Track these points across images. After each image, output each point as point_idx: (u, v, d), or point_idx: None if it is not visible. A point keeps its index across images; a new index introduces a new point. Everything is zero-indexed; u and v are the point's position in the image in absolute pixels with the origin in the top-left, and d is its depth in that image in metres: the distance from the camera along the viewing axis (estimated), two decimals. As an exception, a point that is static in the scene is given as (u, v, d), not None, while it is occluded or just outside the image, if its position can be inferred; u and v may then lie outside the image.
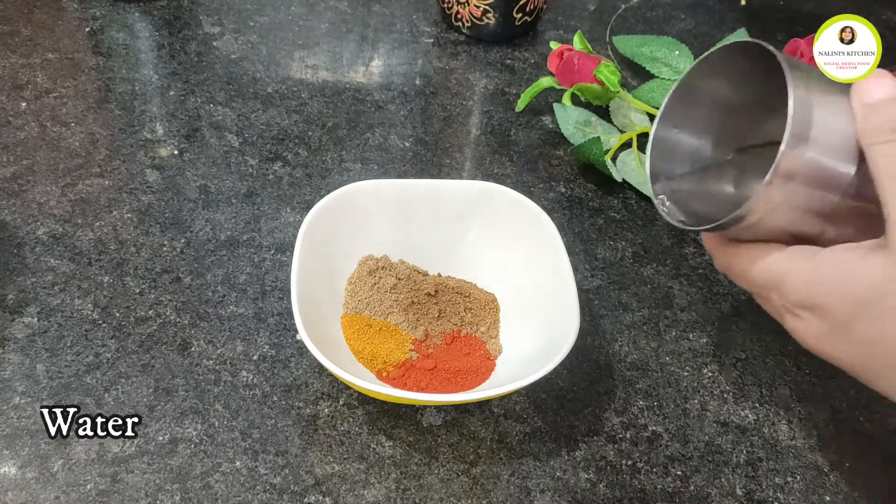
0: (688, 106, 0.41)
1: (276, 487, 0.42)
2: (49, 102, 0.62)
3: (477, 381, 0.46)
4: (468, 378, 0.46)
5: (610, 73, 0.62)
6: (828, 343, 0.36)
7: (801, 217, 0.36)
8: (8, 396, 0.44)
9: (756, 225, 0.37)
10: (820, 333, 0.36)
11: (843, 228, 0.37)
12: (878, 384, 0.36)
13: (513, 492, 0.43)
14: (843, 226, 0.37)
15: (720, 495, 0.44)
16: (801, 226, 0.37)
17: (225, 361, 0.47)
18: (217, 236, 0.54)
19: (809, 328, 0.37)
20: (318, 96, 0.66)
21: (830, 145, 0.35)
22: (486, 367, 0.47)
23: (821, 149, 0.35)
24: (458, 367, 0.47)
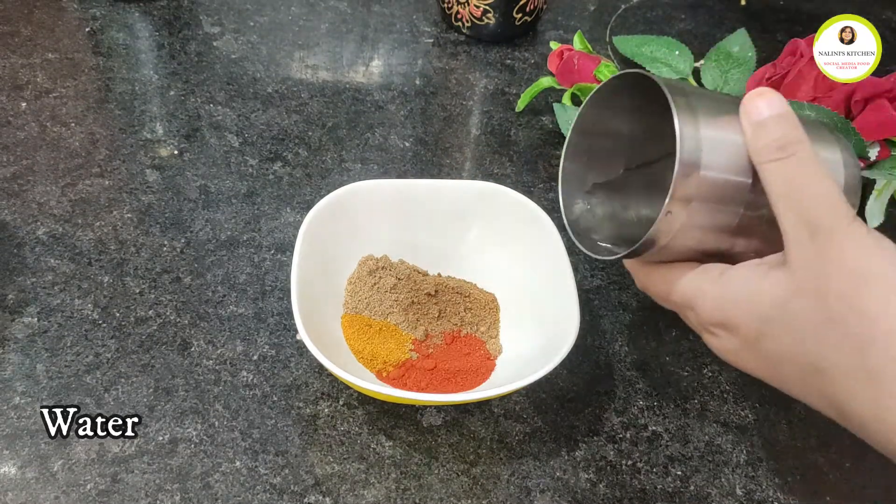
0: (591, 137, 0.42)
1: (276, 487, 0.42)
2: (49, 102, 0.62)
3: (477, 381, 0.46)
4: (468, 378, 0.46)
5: (610, 73, 0.62)
6: (742, 358, 0.37)
7: (710, 235, 0.37)
8: (8, 396, 0.44)
9: (666, 248, 0.37)
10: (734, 349, 0.37)
11: (755, 238, 0.37)
12: (791, 394, 0.37)
13: (513, 492, 0.43)
14: (755, 236, 0.37)
15: (720, 495, 0.44)
16: (712, 243, 0.37)
17: (225, 361, 0.47)
18: (217, 236, 0.54)
19: (724, 344, 0.38)
20: (318, 96, 0.66)
21: (725, 165, 0.36)
22: (486, 367, 0.47)
23: (716, 169, 0.35)
24: (458, 367, 0.47)
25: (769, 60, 0.63)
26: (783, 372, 0.36)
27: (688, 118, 0.35)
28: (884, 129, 0.55)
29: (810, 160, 0.35)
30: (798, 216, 0.34)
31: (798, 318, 0.34)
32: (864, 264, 0.33)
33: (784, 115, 0.36)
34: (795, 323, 0.34)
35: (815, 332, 0.33)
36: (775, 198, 0.35)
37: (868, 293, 0.32)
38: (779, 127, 0.35)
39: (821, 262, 0.33)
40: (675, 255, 0.38)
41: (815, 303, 0.33)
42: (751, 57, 0.68)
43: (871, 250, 0.33)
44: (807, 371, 0.34)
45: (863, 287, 0.32)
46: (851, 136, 0.54)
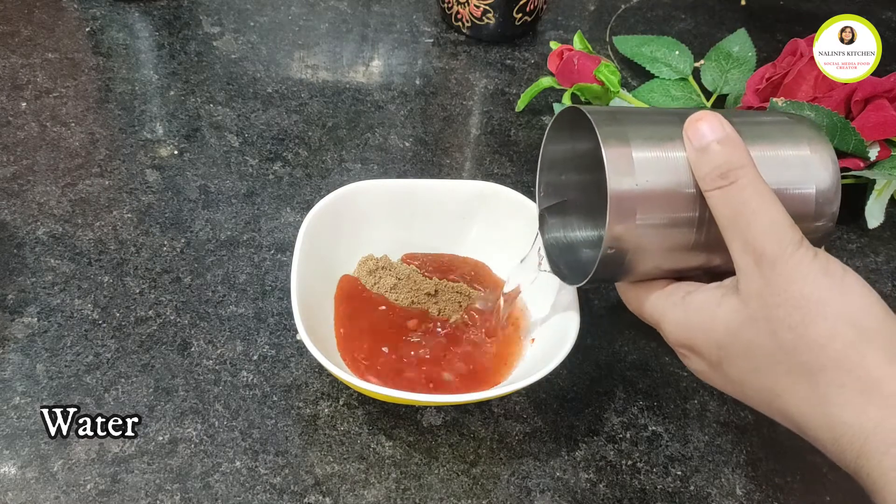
0: (554, 172, 0.43)
1: (276, 487, 0.42)
2: (49, 102, 0.62)
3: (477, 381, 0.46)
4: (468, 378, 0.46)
5: (610, 73, 0.62)
6: (710, 378, 0.38)
7: (668, 255, 0.37)
8: (8, 396, 0.44)
9: (627, 273, 0.37)
10: (701, 370, 0.38)
11: (720, 252, 0.37)
12: (759, 410, 0.38)
13: (513, 492, 0.43)
14: (719, 250, 0.36)
15: (720, 495, 0.44)
16: (674, 262, 0.37)
17: (225, 361, 0.47)
18: (217, 236, 0.54)
19: (692, 364, 0.39)
20: (318, 96, 0.66)
21: (666, 190, 0.35)
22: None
23: (656, 197, 0.35)
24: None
25: (769, 60, 0.63)
26: (746, 393, 0.37)
27: (617, 148, 0.34)
28: (884, 129, 0.55)
29: (753, 185, 0.34)
30: (743, 245, 0.34)
31: (751, 346, 0.34)
32: (809, 292, 0.33)
33: (726, 139, 0.35)
34: (749, 351, 0.35)
35: (767, 360, 0.34)
36: (722, 225, 0.35)
37: (814, 322, 0.33)
38: (721, 153, 0.35)
39: (768, 291, 0.33)
40: (641, 276, 0.38)
41: (765, 332, 0.34)
42: (751, 57, 0.68)
43: (817, 278, 0.33)
44: (765, 393, 0.35)
45: (809, 316, 0.33)
46: (851, 137, 0.54)
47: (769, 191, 0.35)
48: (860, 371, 0.32)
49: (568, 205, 0.44)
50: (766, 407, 0.36)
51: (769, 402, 0.36)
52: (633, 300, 0.40)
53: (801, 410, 0.34)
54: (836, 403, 0.32)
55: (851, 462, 0.32)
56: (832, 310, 0.33)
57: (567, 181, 0.44)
